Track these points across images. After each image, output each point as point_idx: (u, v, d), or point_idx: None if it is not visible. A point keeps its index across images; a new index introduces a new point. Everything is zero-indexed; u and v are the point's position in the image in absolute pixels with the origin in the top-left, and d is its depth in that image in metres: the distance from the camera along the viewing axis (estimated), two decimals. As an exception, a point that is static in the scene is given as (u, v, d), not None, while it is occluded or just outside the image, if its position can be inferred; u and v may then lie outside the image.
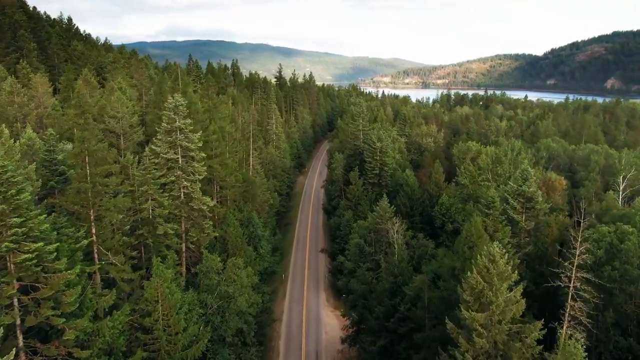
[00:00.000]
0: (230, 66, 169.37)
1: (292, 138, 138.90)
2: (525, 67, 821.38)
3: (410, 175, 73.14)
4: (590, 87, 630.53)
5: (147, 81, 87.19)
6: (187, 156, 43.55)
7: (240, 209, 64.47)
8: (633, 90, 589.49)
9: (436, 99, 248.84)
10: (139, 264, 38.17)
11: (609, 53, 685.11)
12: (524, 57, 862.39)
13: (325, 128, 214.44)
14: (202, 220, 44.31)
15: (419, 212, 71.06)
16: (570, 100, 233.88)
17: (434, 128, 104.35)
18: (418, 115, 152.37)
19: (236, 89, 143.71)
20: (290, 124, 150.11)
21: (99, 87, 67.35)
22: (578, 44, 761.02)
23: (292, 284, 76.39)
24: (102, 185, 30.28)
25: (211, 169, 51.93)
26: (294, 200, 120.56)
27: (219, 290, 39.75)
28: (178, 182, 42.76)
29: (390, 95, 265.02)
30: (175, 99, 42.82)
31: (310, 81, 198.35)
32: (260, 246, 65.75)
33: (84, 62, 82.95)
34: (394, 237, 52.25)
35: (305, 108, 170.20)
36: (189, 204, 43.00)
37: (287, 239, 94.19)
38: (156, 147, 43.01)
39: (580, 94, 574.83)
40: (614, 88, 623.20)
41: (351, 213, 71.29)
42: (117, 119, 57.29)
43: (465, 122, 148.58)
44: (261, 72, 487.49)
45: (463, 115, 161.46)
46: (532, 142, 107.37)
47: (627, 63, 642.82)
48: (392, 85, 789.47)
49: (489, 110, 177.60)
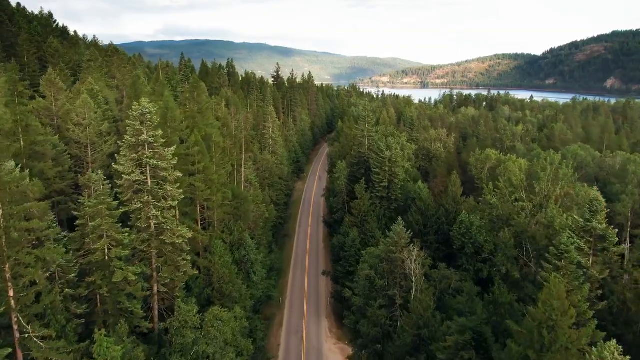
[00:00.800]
0: (226, 66, 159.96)
1: (290, 141, 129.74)
2: (524, 66, 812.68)
3: (423, 188, 64.15)
4: (589, 87, 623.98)
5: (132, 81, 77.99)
6: (158, 177, 34.40)
7: (230, 230, 55.37)
8: (633, 90, 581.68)
9: (438, 100, 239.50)
10: (92, 320, 29.12)
11: (608, 52, 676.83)
12: (522, 56, 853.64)
13: (325, 129, 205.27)
14: (177, 256, 35.18)
15: (434, 230, 62.02)
16: (577, 101, 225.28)
17: (443, 132, 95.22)
18: (424, 117, 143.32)
19: (230, 89, 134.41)
20: (289, 126, 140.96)
21: (68, 88, 57.95)
22: (577, 43, 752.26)
23: (290, 310, 67.27)
24: (20, 232, 21.14)
25: (193, 187, 42.82)
26: (292, 208, 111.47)
27: (195, 350, 30.68)
28: (146, 210, 33.61)
29: (391, 95, 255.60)
30: (143, 105, 33.65)
31: (309, 81, 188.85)
32: (253, 272, 56.65)
33: (58, 60, 73.61)
34: (412, 269, 43.33)
35: (304, 109, 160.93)
36: (160, 238, 33.87)
37: (284, 255, 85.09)
38: (119, 165, 33.87)
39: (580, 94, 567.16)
40: (613, 88, 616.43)
41: (357, 232, 62.17)
42: (82, 126, 48.11)
43: (474, 125, 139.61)
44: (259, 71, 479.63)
45: (470, 117, 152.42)
46: (548, 147, 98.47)
47: (627, 62, 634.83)
48: (390, 85, 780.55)
49: (496, 112, 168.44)
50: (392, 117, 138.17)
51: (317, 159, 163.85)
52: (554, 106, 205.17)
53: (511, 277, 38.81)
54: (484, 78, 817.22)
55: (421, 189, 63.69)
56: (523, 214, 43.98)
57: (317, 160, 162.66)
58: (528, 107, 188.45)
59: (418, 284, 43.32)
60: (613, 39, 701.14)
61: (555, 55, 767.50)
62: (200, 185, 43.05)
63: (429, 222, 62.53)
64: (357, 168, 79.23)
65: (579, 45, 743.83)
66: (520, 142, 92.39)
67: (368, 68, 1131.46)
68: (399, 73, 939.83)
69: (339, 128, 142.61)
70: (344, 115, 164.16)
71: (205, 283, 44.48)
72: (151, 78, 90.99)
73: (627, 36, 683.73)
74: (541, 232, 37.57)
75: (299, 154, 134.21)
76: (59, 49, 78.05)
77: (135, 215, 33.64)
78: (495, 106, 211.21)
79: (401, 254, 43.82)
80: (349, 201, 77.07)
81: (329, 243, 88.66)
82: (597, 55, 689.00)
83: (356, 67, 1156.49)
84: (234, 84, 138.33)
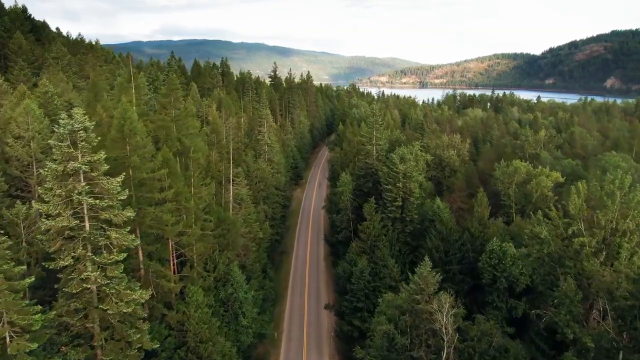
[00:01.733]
0: (220, 65, 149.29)
1: (288, 146, 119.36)
2: (524, 66, 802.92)
3: (444, 208, 53.93)
4: (589, 87, 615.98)
5: (107, 83, 67.65)
6: (99, 219, 24.13)
7: (213, 264, 45.12)
8: (634, 89, 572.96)
9: (440, 100, 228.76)
10: None
11: (608, 52, 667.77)
12: (522, 56, 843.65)
13: (324, 131, 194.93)
14: (127, 327, 24.92)
15: (457, 259, 51.94)
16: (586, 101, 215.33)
17: (457, 138, 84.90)
18: (431, 120, 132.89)
19: (224, 90, 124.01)
20: (286, 129, 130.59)
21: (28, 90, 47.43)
22: (576, 43, 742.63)
23: (288, 347, 57.19)
24: None
25: (158, 221, 32.54)
26: (290, 219, 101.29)
27: None
28: (79, 269, 23.34)
29: (392, 95, 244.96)
30: (76, 117, 23.35)
31: (308, 81, 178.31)
32: (243, 313, 46.40)
33: (19, 57, 63.26)
34: (443, 323, 33.26)
35: (302, 111, 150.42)
36: (100, 307, 23.59)
37: (281, 276, 74.94)
38: (40, 203, 23.58)
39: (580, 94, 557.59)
40: (614, 87, 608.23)
41: (366, 260, 51.94)
42: (23, 140, 37.77)
43: (483, 128, 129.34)
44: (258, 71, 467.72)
45: (478, 119, 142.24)
46: (572, 155, 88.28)
47: (627, 62, 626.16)
48: (389, 85, 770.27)
49: (505, 113, 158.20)
50: (397, 119, 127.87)
51: (316, 163, 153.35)
52: (563, 107, 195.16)
53: (581, 344, 28.67)
54: (483, 78, 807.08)
55: (441, 209, 53.50)
56: (584, 253, 33.81)
57: (316, 164, 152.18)
58: (537, 108, 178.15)
59: (450, 343, 33.36)
60: (613, 38, 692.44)
61: (554, 55, 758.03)
62: (170, 218, 32.74)
63: (451, 249, 52.40)
64: (364, 181, 69.00)
65: (578, 45, 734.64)
66: (544, 150, 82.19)
67: (367, 68, 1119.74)
68: (398, 73, 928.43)
69: (340, 131, 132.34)
70: (344, 117, 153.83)
71: (177, 342, 34.26)
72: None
73: (627, 36, 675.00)
74: (623, 285, 27.48)
75: (297, 159, 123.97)
76: (23, 44, 67.60)
77: (65, 276, 23.35)
78: (501, 107, 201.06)
79: (429, 304, 33.79)
80: (354, 220, 66.83)
81: (330, 262, 78.53)
82: (596, 55, 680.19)
83: (355, 67, 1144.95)
84: (227, 84, 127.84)
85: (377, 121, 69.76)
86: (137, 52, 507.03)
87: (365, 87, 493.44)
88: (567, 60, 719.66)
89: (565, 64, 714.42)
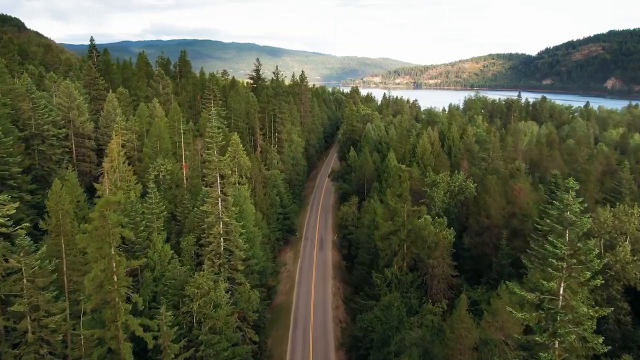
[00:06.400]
0: (178, 61, 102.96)
1: (275, 186, 74.15)
2: (519, 66, 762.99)
3: None
4: (589, 87, 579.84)
5: None
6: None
7: None
8: (636, 90, 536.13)
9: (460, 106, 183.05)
10: None
11: (606, 52, 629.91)
12: (517, 56, 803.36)
13: (322, 146, 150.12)
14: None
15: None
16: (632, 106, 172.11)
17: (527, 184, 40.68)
18: (471, 140, 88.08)
19: (175, 97, 78.19)
20: (271, 156, 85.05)
21: None
22: (574, 43, 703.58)
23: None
24: None
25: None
26: (274, 327, 56.67)
27: None
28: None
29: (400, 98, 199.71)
30: None
31: (302, 84, 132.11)
32: None
33: None
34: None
35: (295, 126, 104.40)
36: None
37: None
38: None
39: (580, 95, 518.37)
40: (615, 88, 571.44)
41: None
42: None
43: (550, 154, 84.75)
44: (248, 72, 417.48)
45: (541, 139, 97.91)
46: None
47: (627, 62, 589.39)
48: (382, 86, 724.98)
49: (573, 128, 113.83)
50: (436, 142, 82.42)
51: (314, 197, 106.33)
52: (617, 115, 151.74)
53: None
54: (478, 78, 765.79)
55: None
56: None
57: (314, 199, 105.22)
58: (596, 117, 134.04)
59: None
60: (610, 38, 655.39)
61: (551, 55, 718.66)
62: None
63: None
64: None
65: (575, 45, 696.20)
66: None
67: (359, 68, 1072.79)
68: (392, 73, 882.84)
69: (351, 160, 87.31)
70: (352, 134, 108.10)
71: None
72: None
73: (625, 35, 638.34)
74: None
75: (289, 205, 78.68)
76: None
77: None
78: (540, 116, 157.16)
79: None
80: None
81: None
82: (595, 55, 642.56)
83: (347, 67, 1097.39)
84: (180, 89, 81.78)
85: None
86: (127, 52, 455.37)
87: (360, 89, 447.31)
88: (564, 60, 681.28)
89: (562, 65, 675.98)
